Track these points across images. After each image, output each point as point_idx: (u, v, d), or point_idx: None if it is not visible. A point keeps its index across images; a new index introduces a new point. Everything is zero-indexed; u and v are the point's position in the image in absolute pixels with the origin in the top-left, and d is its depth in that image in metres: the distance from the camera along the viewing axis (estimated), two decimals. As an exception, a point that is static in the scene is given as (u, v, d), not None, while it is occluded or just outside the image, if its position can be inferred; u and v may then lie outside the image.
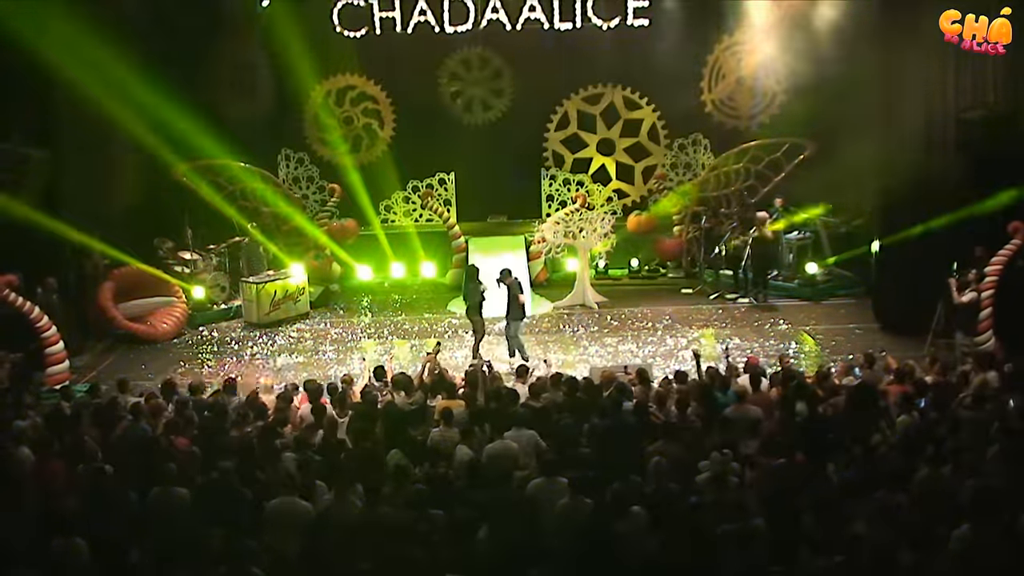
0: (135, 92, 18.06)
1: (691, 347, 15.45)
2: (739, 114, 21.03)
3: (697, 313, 17.79)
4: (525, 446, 9.60)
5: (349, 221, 20.82)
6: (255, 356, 16.34)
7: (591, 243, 18.69)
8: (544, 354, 15.08)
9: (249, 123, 20.37)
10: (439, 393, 11.44)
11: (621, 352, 15.63)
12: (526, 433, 9.74)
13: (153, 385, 13.81)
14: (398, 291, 20.13)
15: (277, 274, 18.62)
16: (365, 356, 14.77)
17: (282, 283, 18.26)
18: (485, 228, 21.03)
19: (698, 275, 19.73)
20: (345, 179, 21.01)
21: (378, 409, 10.73)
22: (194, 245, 18.90)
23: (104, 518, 8.40)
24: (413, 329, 17.52)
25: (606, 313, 18.01)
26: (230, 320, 18.46)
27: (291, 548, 8.07)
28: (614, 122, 21.68)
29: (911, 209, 15.23)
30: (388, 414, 10.55)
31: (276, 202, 19.70)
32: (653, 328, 16.92)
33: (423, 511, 8.04)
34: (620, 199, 21.77)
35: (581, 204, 19.93)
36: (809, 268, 18.56)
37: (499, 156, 21.18)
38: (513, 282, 14.85)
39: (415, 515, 7.99)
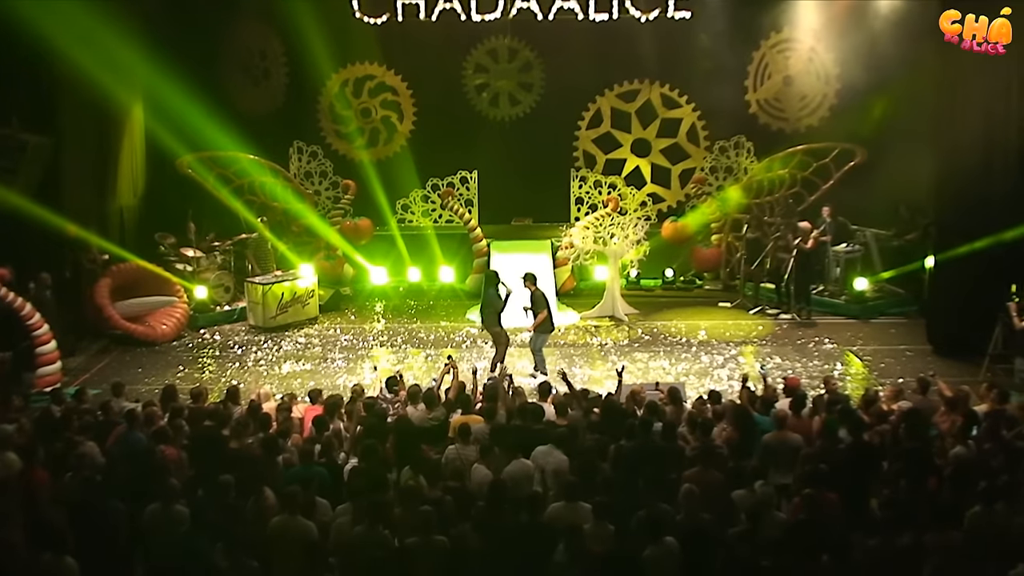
0: (142, 79, 18.28)
1: (727, 365, 15.46)
2: (786, 116, 20.93)
3: (735, 329, 17.70)
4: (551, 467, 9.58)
5: (363, 220, 20.84)
6: (259, 362, 16.38)
7: (623, 250, 18.66)
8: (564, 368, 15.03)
9: (260, 113, 20.56)
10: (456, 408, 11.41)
11: (653, 369, 15.59)
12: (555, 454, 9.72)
13: (150, 390, 13.96)
14: (414, 297, 20.15)
15: (285, 275, 18.69)
16: (377, 365, 14.75)
17: (290, 285, 18.32)
18: (509, 231, 21.03)
19: (737, 288, 19.65)
20: (360, 175, 21.06)
21: (387, 424, 10.72)
22: (197, 242, 18.99)
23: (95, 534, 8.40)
24: (429, 338, 17.51)
25: (636, 326, 17.96)
26: (234, 323, 18.53)
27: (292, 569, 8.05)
28: (650, 121, 21.62)
29: (969, 223, 15.09)
30: (400, 430, 10.52)
31: (286, 198, 19.79)
32: (687, 344, 16.85)
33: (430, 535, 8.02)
34: (655, 204, 21.69)
35: (613, 208, 19.87)
36: (858, 283, 18.43)
37: (526, 155, 21.16)
38: (538, 292, 14.80)
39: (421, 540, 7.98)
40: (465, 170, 21.49)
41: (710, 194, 20.98)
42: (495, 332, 15.06)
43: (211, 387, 14.49)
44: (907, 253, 18.33)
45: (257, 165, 19.46)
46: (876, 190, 18.35)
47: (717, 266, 20.56)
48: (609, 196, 20.90)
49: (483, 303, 15.13)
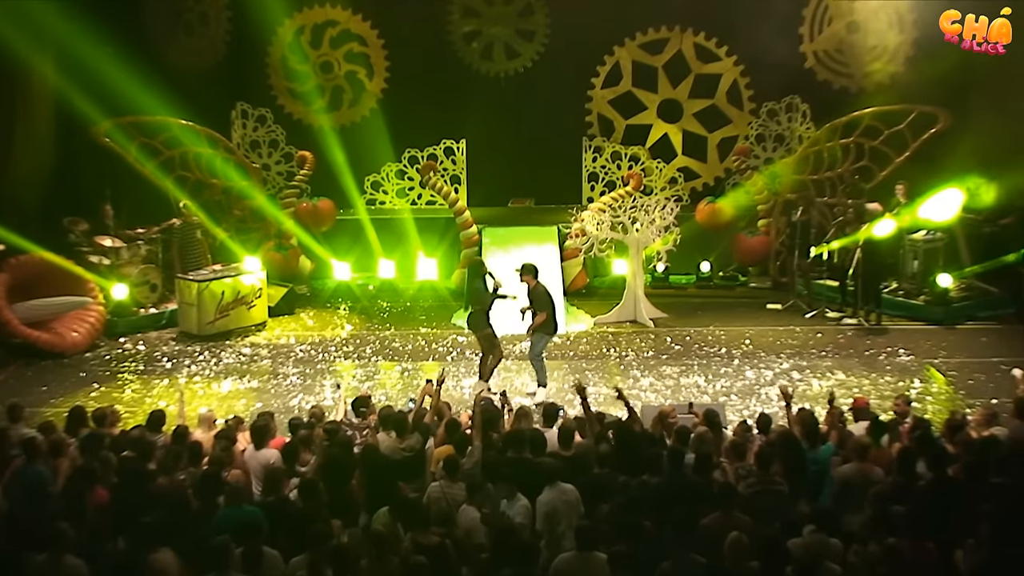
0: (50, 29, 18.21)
1: (778, 382, 15.38)
2: (850, 71, 20.94)
3: (787, 336, 17.69)
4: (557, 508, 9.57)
5: (324, 201, 20.83)
6: (194, 378, 16.33)
7: (647, 239, 18.62)
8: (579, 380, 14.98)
9: (195, 69, 20.53)
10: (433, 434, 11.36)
11: (684, 386, 15.56)
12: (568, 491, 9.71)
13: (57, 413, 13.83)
14: (387, 297, 20.14)
15: (226, 269, 18.66)
16: (341, 383, 14.71)
17: (232, 282, 18.28)
18: (505, 216, 21.02)
19: (789, 285, 19.64)
20: (320, 145, 21.07)
21: (354, 455, 10.70)
22: (117, 228, 18.94)
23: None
24: (405, 348, 17.46)
25: (664, 333, 17.92)
26: (162, 329, 18.51)
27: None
28: (682, 78, 21.64)
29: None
30: (368, 461, 10.50)
31: (227, 174, 19.79)
32: (728, 355, 16.83)
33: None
34: (687, 181, 21.71)
35: (635, 187, 19.85)
36: (941, 280, 18.42)
37: (526, 120, 21.14)
38: (540, 288, 14.80)
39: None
40: (451, 139, 21.46)
41: (756, 169, 20.96)
42: (484, 335, 15.04)
43: (132, 410, 14.47)
44: (1001, 242, 18.31)
45: (191, 133, 19.42)
46: (962, 163, 18.33)
47: (765, 259, 20.58)
48: (630, 172, 20.90)
49: (467, 300, 15.12)
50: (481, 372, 15.11)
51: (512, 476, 9.95)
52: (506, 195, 21.60)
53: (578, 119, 21.72)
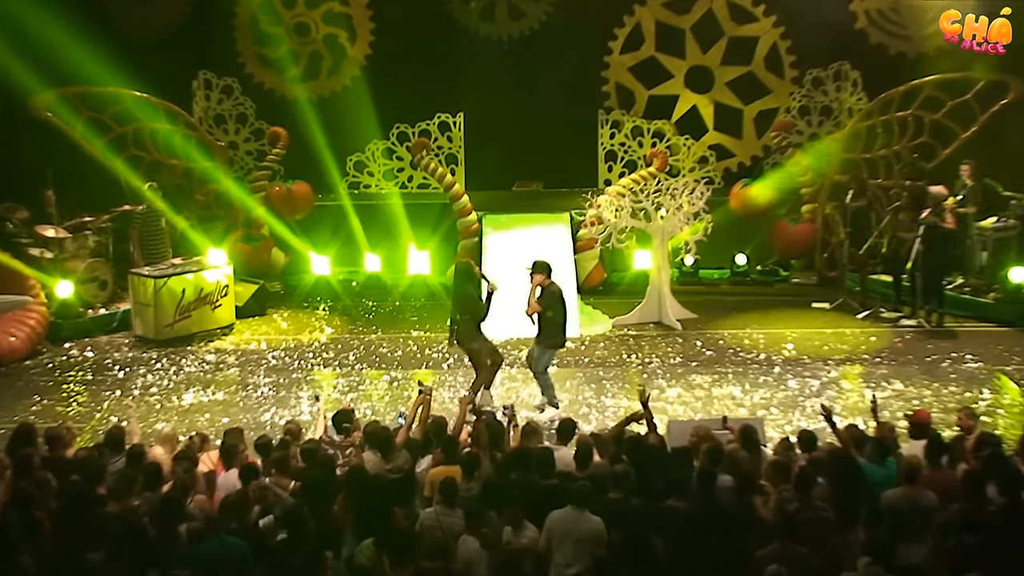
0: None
1: (824, 393, 15.40)
2: (907, 33, 20.91)
3: (836, 340, 17.69)
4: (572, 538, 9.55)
5: (299, 185, 20.88)
6: (150, 389, 16.29)
7: (673, 228, 18.58)
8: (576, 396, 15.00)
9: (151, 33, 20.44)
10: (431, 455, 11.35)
11: (717, 397, 15.55)
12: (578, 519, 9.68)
13: (-8, 430, 13.88)
14: (373, 295, 20.19)
15: (187, 264, 18.62)
16: (320, 395, 14.74)
17: (194, 278, 18.27)
18: (509, 200, 21.05)
19: (838, 281, 19.64)
20: (295, 120, 21.07)
21: (337, 477, 10.69)
22: (60, 217, 18.89)
23: None
24: (394, 354, 17.48)
25: (693, 337, 17.94)
26: (113, 333, 18.50)
27: None
28: (713, 42, 21.66)
29: None
30: (354, 485, 10.49)
31: (188, 153, 19.78)
32: (767, 362, 16.84)
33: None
34: (720, 160, 21.73)
35: (659, 167, 19.84)
36: (1013, 275, 18.42)
37: (533, 91, 21.18)
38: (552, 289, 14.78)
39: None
40: (446, 112, 21.49)
41: (799, 146, 20.97)
42: (472, 349, 14.99)
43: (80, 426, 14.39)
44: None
45: (146, 106, 19.40)
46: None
47: (810, 250, 20.61)
48: (654, 150, 20.88)
49: (456, 306, 15.09)
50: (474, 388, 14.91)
51: (518, 501, 9.96)
52: (510, 177, 21.64)
53: (593, 89, 21.74)
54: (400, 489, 10.73)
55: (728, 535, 9.49)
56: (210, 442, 12.14)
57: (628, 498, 10.17)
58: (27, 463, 10.92)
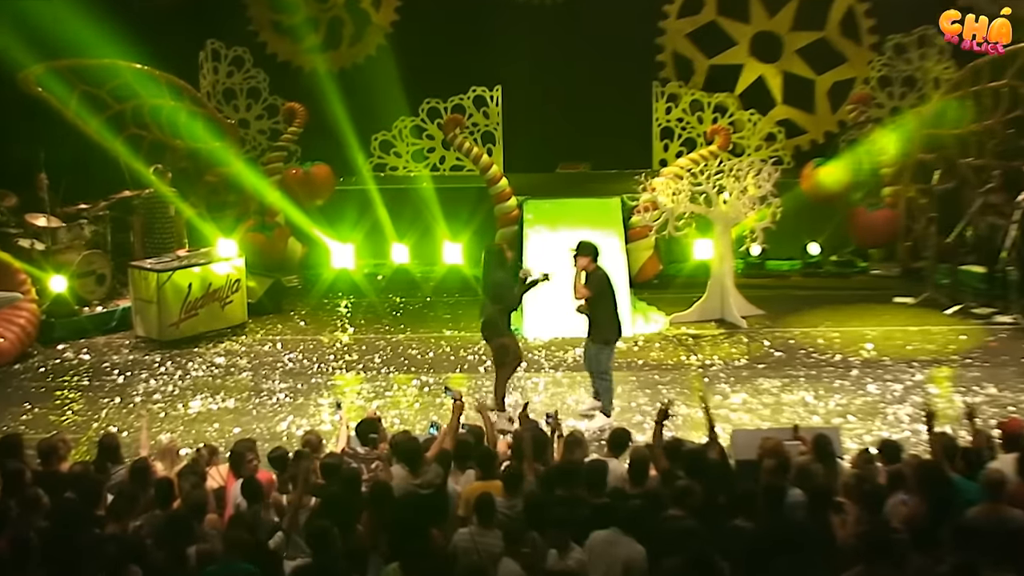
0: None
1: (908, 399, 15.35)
2: (1004, -7, 20.82)
3: (922, 340, 17.66)
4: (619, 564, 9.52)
5: (319, 167, 20.96)
6: (153, 396, 16.34)
7: (737, 213, 18.53)
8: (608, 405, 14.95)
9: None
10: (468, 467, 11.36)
11: (787, 404, 15.51)
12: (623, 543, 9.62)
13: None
14: (401, 290, 20.29)
15: (193, 255, 18.72)
16: (342, 401, 14.72)
17: (202, 272, 18.32)
18: (553, 184, 21.12)
19: (925, 273, 19.58)
20: (314, 95, 21.13)
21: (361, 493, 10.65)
22: (53, 204, 18.99)
23: None
24: (425, 356, 17.53)
25: (760, 336, 17.96)
26: (111, 333, 18.59)
27: None
28: (782, 5, 21.65)
29: None
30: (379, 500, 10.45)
31: (194, 132, 19.86)
32: (844, 364, 16.79)
33: None
34: (790, 138, 21.73)
35: (722, 146, 19.80)
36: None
37: (579, 61, 21.25)
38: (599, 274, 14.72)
39: None
40: (482, 86, 21.52)
41: (879, 122, 20.89)
42: (501, 344, 14.93)
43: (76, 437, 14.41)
44: None
45: (148, 80, 19.49)
46: None
47: (891, 238, 20.59)
48: (715, 127, 20.88)
49: (486, 296, 15.07)
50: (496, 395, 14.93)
51: (564, 520, 9.86)
52: (554, 158, 21.73)
53: (647, 59, 21.78)
54: (431, 506, 10.63)
55: (802, 558, 9.41)
56: (219, 455, 12.07)
57: (690, 517, 10.05)
58: (16, 479, 10.90)
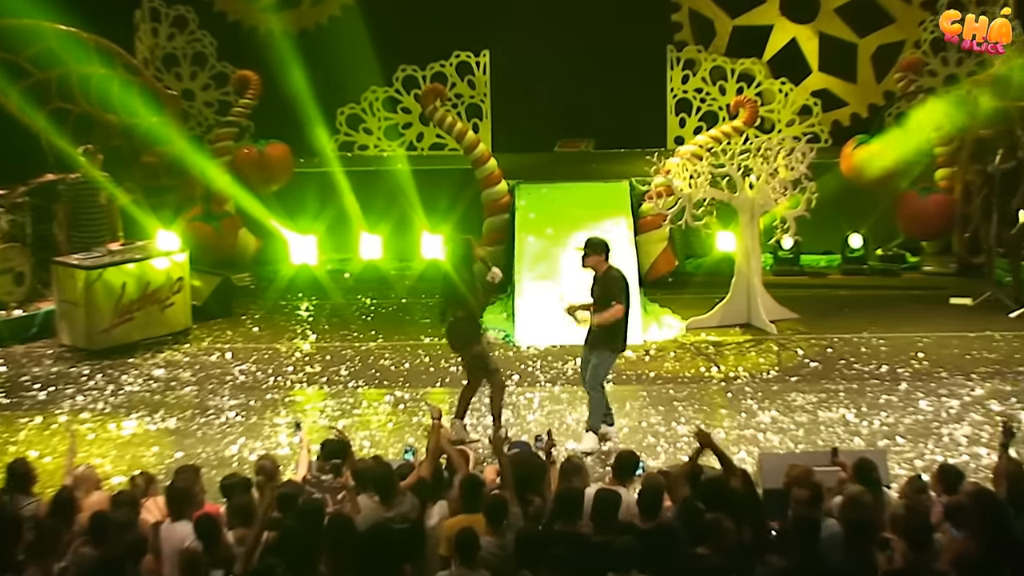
0: None
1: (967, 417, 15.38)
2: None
3: (983, 347, 17.66)
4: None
5: (275, 146, 21.09)
6: (81, 415, 16.29)
7: (766, 200, 18.49)
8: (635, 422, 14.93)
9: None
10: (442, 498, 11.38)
11: (824, 423, 15.43)
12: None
13: None
14: (372, 289, 20.42)
15: (128, 250, 18.69)
16: (302, 421, 14.72)
17: (138, 269, 18.29)
18: (550, 165, 21.32)
19: (985, 269, 19.64)
20: (269, 61, 21.22)
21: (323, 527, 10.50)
22: (-37, 190, 19.01)
23: None
24: (400, 368, 17.58)
25: (793, 343, 17.96)
26: (32, 340, 18.64)
27: None
28: (817, -43, 21.63)
29: None
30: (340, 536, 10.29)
31: (129, 105, 19.86)
32: (891, 377, 16.76)
33: None
34: (828, 111, 21.86)
35: (747, 120, 19.83)
36: None
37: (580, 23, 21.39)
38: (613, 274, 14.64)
39: None
40: (466, 50, 21.68)
41: (932, 92, 20.86)
42: (475, 353, 14.91)
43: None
44: None
45: (75, 44, 19.48)
46: None
47: (947, 230, 20.61)
48: (740, 98, 20.82)
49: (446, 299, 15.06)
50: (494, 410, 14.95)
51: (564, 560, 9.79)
52: (552, 135, 21.88)
53: (660, 18, 21.91)
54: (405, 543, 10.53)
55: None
56: (157, 484, 11.98)
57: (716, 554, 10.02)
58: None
